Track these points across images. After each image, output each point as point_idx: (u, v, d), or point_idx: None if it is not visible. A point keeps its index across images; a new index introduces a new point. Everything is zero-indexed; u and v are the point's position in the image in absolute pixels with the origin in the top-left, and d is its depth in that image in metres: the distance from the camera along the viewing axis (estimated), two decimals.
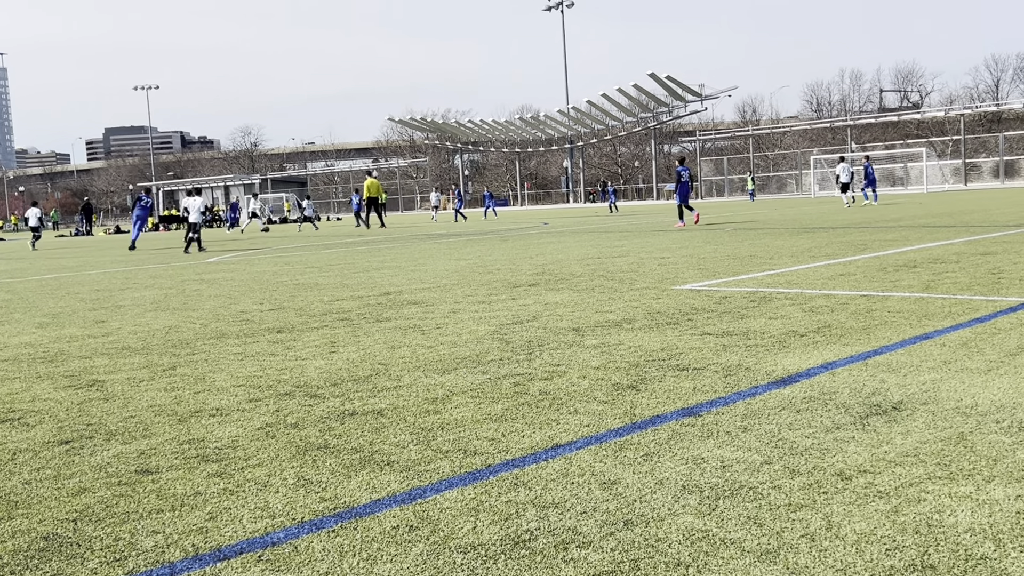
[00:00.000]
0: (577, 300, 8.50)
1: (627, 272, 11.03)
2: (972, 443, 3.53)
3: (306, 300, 9.77)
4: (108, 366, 6.26)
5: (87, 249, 30.70)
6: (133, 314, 9.34)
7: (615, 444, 3.77)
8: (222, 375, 5.71)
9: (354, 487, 3.40)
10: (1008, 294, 7.37)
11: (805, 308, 7.20)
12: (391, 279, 11.84)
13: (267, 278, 13.16)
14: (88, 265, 19.77)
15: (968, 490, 3.04)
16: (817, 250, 12.92)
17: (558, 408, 4.42)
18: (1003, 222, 17.19)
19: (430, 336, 6.83)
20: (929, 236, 14.47)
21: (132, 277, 15.00)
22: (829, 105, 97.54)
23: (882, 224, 18.95)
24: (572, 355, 5.76)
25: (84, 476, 3.71)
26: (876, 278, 8.95)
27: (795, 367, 5.06)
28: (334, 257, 17.73)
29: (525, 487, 3.30)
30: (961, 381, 4.53)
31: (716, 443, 3.70)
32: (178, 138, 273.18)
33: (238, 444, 4.08)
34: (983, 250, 11.34)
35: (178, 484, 3.54)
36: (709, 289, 8.85)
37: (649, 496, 3.14)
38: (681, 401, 4.43)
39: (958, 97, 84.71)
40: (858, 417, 3.97)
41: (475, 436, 4.00)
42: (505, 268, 12.66)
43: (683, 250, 14.39)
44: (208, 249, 24.19)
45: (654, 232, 21.05)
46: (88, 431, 4.46)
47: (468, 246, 19.16)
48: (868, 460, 3.39)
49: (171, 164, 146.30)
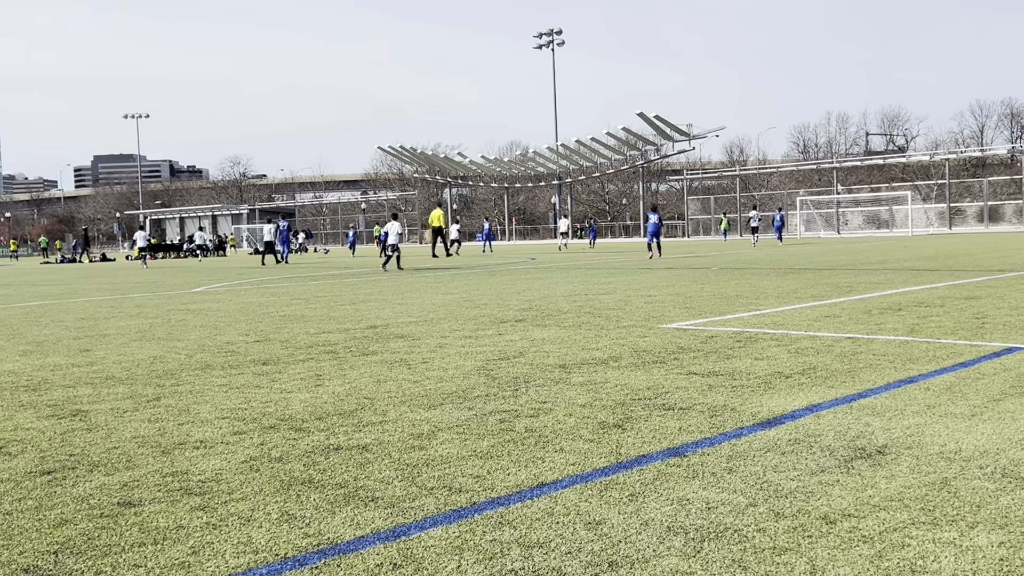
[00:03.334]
0: (564, 337, 8.51)
1: (614, 309, 11.06)
2: (956, 488, 3.55)
3: (292, 332, 9.75)
4: (92, 396, 6.22)
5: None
6: (118, 343, 9.29)
7: (601, 483, 3.77)
8: (206, 407, 5.68)
9: (338, 523, 3.38)
10: (992, 339, 7.43)
11: (791, 349, 7.23)
12: (378, 312, 11.83)
13: (253, 309, 13.13)
14: (73, 293, 19.68)
15: (952, 536, 3.05)
16: (803, 291, 12.99)
17: (544, 446, 4.42)
18: (987, 266, 17.33)
19: (416, 370, 6.83)
20: (914, 279, 14.57)
21: (117, 306, 14.94)
22: (815, 147, 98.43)
23: (867, 267, 19.08)
24: (558, 392, 5.76)
25: (66, 507, 3.68)
26: (861, 320, 9.00)
27: (780, 408, 5.08)
28: (321, 289, 17.71)
29: (510, 526, 3.29)
30: (945, 426, 4.55)
31: (701, 484, 3.70)
32: (167, 167, 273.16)
33: (222, 477, 4.05)
34: (967, 294, 11.42)
35: (161, 517, 3.52)
36: (695, 328, 8.88)
37: (634, 537, 3.14)
38: (667, 441, 4.43)
39: (943, 142, 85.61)
40: (843, 460, 3.99)
41: (460, 473, 3.99)
42: (492, 303, 12.67)
43: (670, 288, 14.44)
44: (405, 269, 26.44)
45: (641, 270, 21.12)
46: (71, 462, 4.42)
47: (455, 280, 19.17)
48: (852, 504, 3.40)
49: (159, 193, 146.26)
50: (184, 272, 31.18)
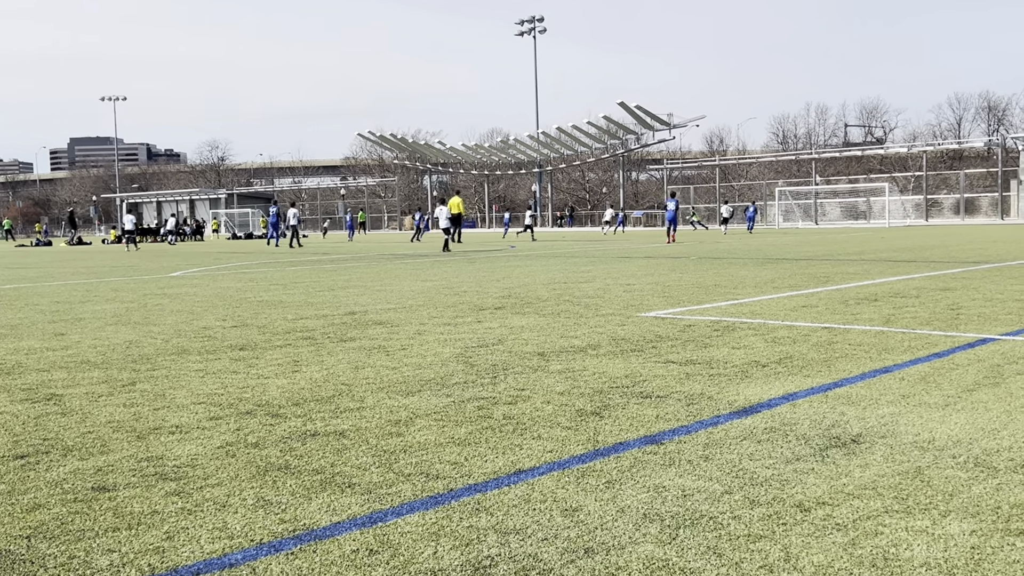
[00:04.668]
0: (543, 324, 8.52)
1: (593, 298, 11.07)
2: (929, 477, 3.58)
3: (270, 318, 9.71)
4: (66, 380, 6.18)
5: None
6: (93, 327, 9.22)
7: (578, 470, 3.77)
8: (182, 392, 5.65)
9: (314, 509, 3.38)
10: (966, 330, 7.49)
11: (767, 339, 7.27)
12: (356, 298, 11.80)
13: (231, 294, 13.06)
14: (49, 276, 19.51)
15: (924, 524, 3.08)
16: (780, 281, 13.05)
17: (521, 433, 4.43)
18: (962, 258, 17.47)
19: (394, 357, 6.81)
20: (890, 270, 14.68)
21: (93, 290, 14.82)
22: (795, 138, 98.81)
23: (844, 257, 19.19)
24: (537, 380, 5.77)
25: (39, 492, 3.66)
26: (838, 311, 9.06)
27: (757, 397, 5.11)
28: (299, 275, 17.64)
29: (487, 512, 3.29)
30: (919, 415, 4.59)
31: (678, 472, 3.72)
32: (144, 150, 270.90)
33: (197, 463, 4.03)
34: (943, 286, 11.52)
35: (135, 502, 3.50)
36: (674, 317, 8.91)
37: (610, 524, 3.15)
38: (644, 429, 4.45)
39: (921, 134, 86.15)
40: (818, 449, 4.01)
41: (438, 460, 3.99)
42: (471, 291, 12.66)
43: (649, 277, 14.48)
44: (452, 251, 28.27)
45: (620, 259, 21.16)
46: (44, 446, 4.39)
47: (435, 267, 19.14)
48: (827, 492, 3.42)
49: (136, 176, 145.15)
50: (161, 256, 30.97)
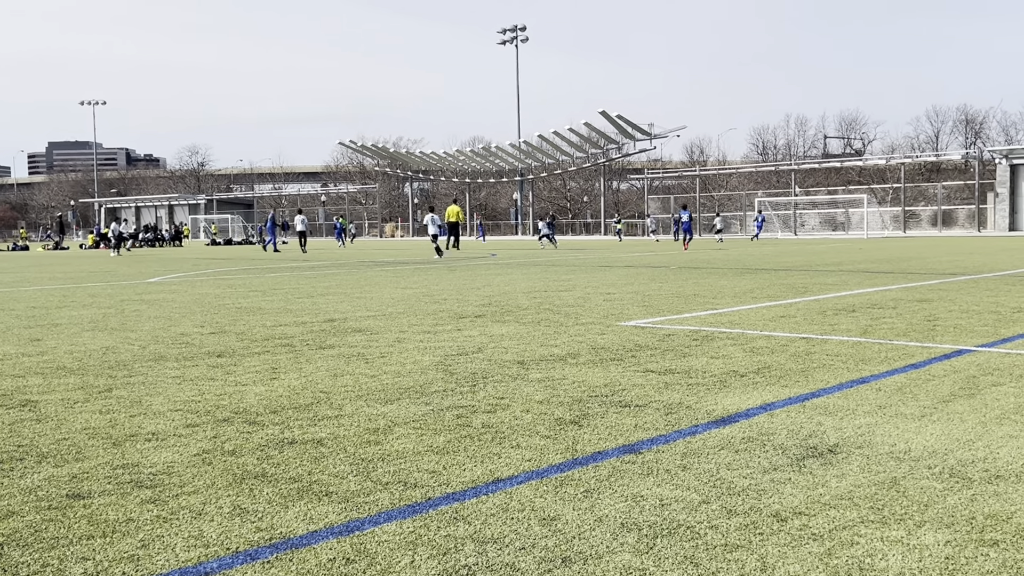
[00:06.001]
0: (523, 333, 8.52)
1: (573, 307, 11.09)
2: (904, 488, 3.60)
3: (248, 324, 9.66)
4: (42, 386, 6.12)
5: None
6: (70, 333, 9.15)
7: (556, 480, 3.78)
8: (159, 399, 5.61)
9: (291, 517, 3.36)
10: (942, 341, 7.55)
11: (746, 348, 7.30)
12: (336, 306, 11.76)
13: (209, 300, 12.99)
14: (25, 281, 19.34)
15: (899, 535, 3.10)
16: (759, 291, 13.12)
17: (500, 442, 4.42)
18: (939, 270, 17.62)
19: (373, 365, 6.80)
20: (868, 281, 14.78)
21: (70, 295, 14.70)
22: (775, 149, 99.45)
23: (823, 268, 19.31)
24: (516, 388, 5.77)
25: (13, 499, 3.62)
26: (816, 321, 9.11)
27: (735, 407, 5.12)
28: (279, 281, 17.57)
29: (465, 521, 3.29)
30: (895, 426, 4.62)
31: (656, 481, 3.73)
32: (123, 155, 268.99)
33: (173, 470, 4.01)
34: (919, 297, 11.60)
35: (110, 510, 3.47)
36: (653, 326, 8.93)
37: (588, 533, 3.15)
38: (622, 438, 4.45)
39: (899, 146, 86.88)
40: (795, 459, 4.03)
41: (416, 468, 3.99)
42: (452, 298, 12.65)
43: (629, 286, 14.52)
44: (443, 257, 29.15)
45: (601, 268, 21.20)
46: (19, 453, 4.35)
47: (415, 275, 19.12)
48: (803, 502, 3.44)
49: (115, 181, 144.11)
50: (139, 262, 30.78)
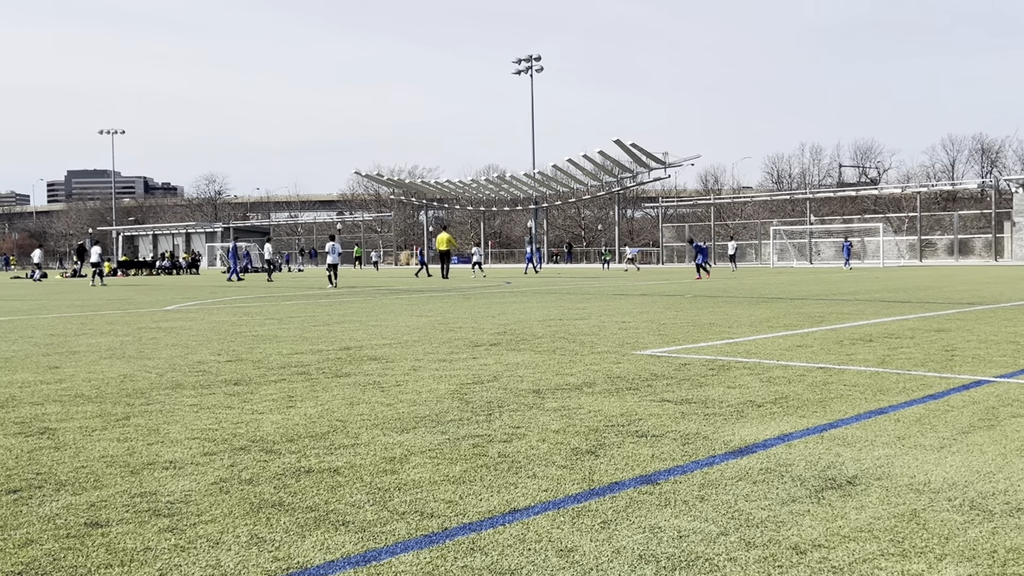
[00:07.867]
0: (538, 361, 8.51)
1: (588, 335, 11.08)
2: (925, 520, 3.57)
3: (264, 352, 9.69)
4: (60, 414, 6.15)
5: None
6: (88, 361, 9.20)
7: (573, 510, 3.76)
8: (177, 427, 5.63)
9: (308, 547, 3.36)
10: (961, 371, 7.50)
11: (763, 378, 7.27)
12: (351, 334, 11.79)
13: (225, 328, 13.04)
14: (43, 309, 19.47)
15: (920, 568, 3.07)
16: (775, 320, 13.07)
17: (517, 471, 4.41)
18: (956, 299, 17.52)
19: (389, 393, 6.80)
20: (885, 311, 14.71)
21: (88, 323, 14.79)
22: (789, 177, 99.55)
23: (839, 297, 19.24)
24: (532, 417, 5.76)
25: (32, 527, 3.63)
26: (832, 351, 9.07)
27: (752, 438, 5.10)
28: (294, 309, 17.63)
29: (482, 552, 3.28)
30: (915, 457, 4.59)
31: (673, 512, 3.71)
32: (141, 183, 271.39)
33: (191, 499, 4.02)
34: (937, 326, 11.54)
35: (128, 538, 3.48)
36: (669, 355, 8.91)
37: (606, 565, 3.13)
38: (639, 468, 4.44)
39: (915, 175, 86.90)
40: (813, 490, 4.01)
41: (432, 498, 3.98)
42: (467, 326, 12.66)
43: (644, 315, 14.49)
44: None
45: (615, 296, 21.19)
46: (37, 480, 4.37)
47: (430, 303, 19.15)
48: (823, 534, 3.42)
49: (132, 209, 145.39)
50: (156, 290, 30.94)
